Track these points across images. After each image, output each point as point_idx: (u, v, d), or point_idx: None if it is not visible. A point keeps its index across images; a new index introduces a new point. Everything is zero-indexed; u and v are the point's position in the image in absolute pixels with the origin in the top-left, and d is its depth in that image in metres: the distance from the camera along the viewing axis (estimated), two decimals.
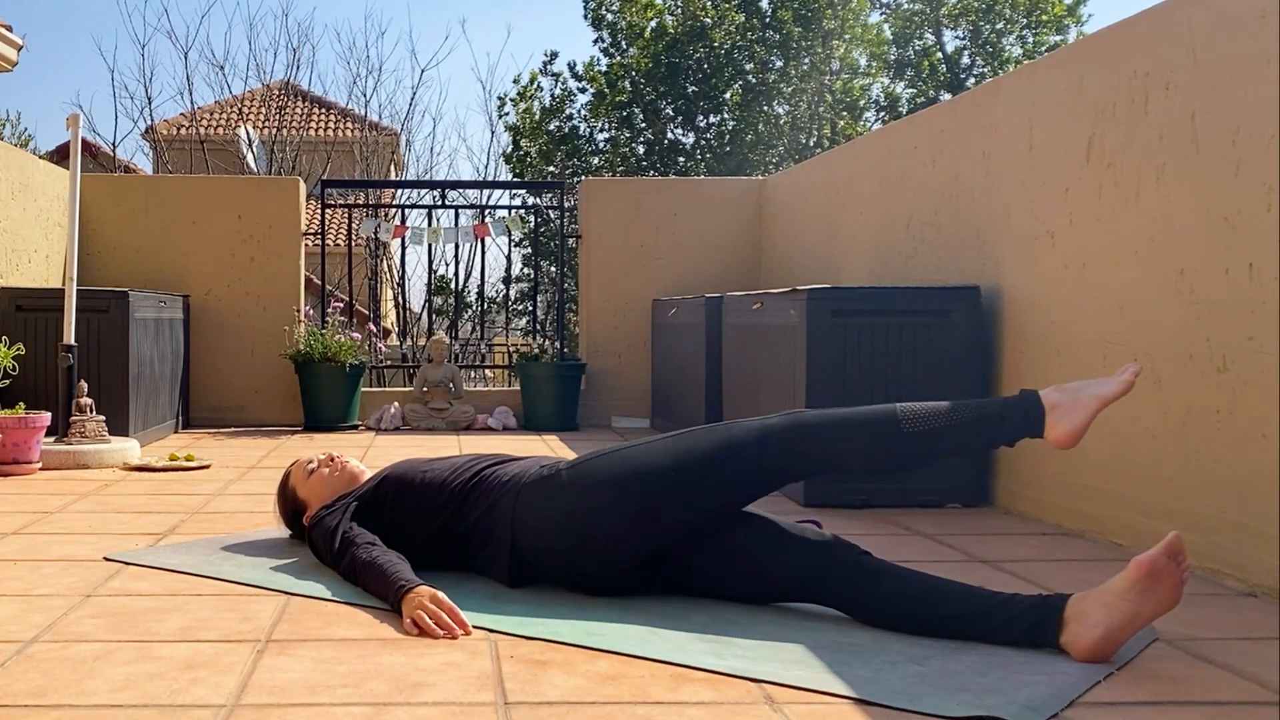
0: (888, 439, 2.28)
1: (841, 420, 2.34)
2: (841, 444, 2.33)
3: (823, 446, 2.34)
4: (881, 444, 2.30)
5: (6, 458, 4.39)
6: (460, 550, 2.64)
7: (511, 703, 1.85)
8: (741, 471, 2.38)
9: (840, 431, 2.33)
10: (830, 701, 1.87)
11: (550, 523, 2.48)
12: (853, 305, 3.83)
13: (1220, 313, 2.82)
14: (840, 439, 2.33)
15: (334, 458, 2.97)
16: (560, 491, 2.47)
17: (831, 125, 18.46)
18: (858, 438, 2.31)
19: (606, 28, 18.71)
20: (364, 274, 11.74)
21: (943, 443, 2.28)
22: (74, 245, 4.95)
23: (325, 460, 2.97)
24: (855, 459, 2.37)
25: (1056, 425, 2.21)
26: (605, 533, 2.43)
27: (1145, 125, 3.14)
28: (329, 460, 2.97)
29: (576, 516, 2.44)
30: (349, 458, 3.01)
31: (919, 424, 2.27)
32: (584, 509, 2.43)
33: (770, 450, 2.35)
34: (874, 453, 2.32)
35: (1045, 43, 18.90)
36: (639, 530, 2.41)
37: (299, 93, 17.39)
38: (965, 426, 2.27)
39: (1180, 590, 2.05)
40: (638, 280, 6.88)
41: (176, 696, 1.87)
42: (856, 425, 2.32)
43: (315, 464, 2.97)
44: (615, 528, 2.42)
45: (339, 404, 6.34)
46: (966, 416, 2.27)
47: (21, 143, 20.88)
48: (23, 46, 8.57)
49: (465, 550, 2.63)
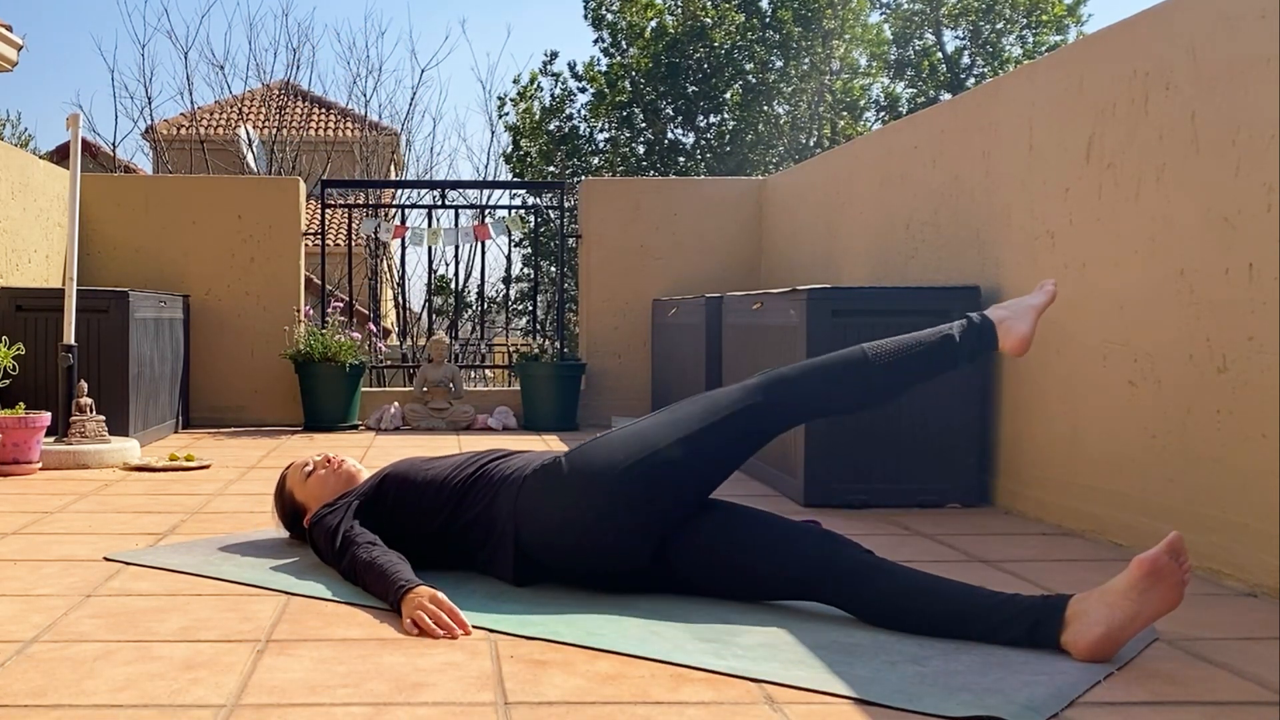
0: (862, 373, 2.47)
1: (816, 366, 2.53)
2: (821, 386, 2.50)
3: (804, 391, 2.50)
4: (858, 379, 2.47)
5: (6, 458, 4.39)
6: (462, 548, 2.64)
7: (511, 703, 1.85)
8: (734, 430, 2.48)
9: (816, 376, 2.51)
10: (830, 701, 1.87)
11: (553, 513, 2.48)
12: (853, 305, 3.83)
13: (1220, 313, 2.83)
14: (819, 382, 2.50)
15: (330, 459, 2.97)
16: (561, 481, 2.47)
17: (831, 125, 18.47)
18: (834, 378, 2.49)
19: (606, 28, 18.71)
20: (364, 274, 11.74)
21: (912, 368, 2.48)
22: (74, 245, 4.96)
23: (322, 462, 2.96)
24: (836, 400, 2.54)
25: (1009, 335, 2.50)
26: (609, 517, 2.42)
27: (1145, 125, 3.14)
28: (325, 461, 2.96)
29: (579, 505, 2.44)
30: (345, 457, 3.00)
31: (887, 356, 2.47)
32: (586, 496, 2.44)
33: (756, 405, 2.48)
34: (852, 389, 2.50)
35: (1045, 43, 18.90)
36: (643, 508, 2.41)
37: (299, 93, 17.39)
38: (929, 350, 2.48)
39: (1181, 590, 2.05)
40: (638, 280, 6.88)
41: (176, 696, 1.87)
42: (830, 367, 2.51)
43: (312, 466, 2.96)
44: (619, 510, 2.42)
45: (339, 404, 6.34)
46: (929, 340, 2.49)
47: (21, 143, 20.88)
48: (23, 46, 8.57)
49: (467, 548, 2.63)
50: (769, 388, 2.49)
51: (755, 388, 2.49)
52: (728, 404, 2.48)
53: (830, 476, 3.79)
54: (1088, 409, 3.38)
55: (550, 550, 2.51)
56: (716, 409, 2.47)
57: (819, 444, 3.78)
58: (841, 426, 3.78)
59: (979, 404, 3.88)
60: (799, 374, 2.51)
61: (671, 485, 2.42)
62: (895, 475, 3.81)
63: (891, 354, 2.46)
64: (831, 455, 3.79)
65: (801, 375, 2.50)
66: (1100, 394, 3.31)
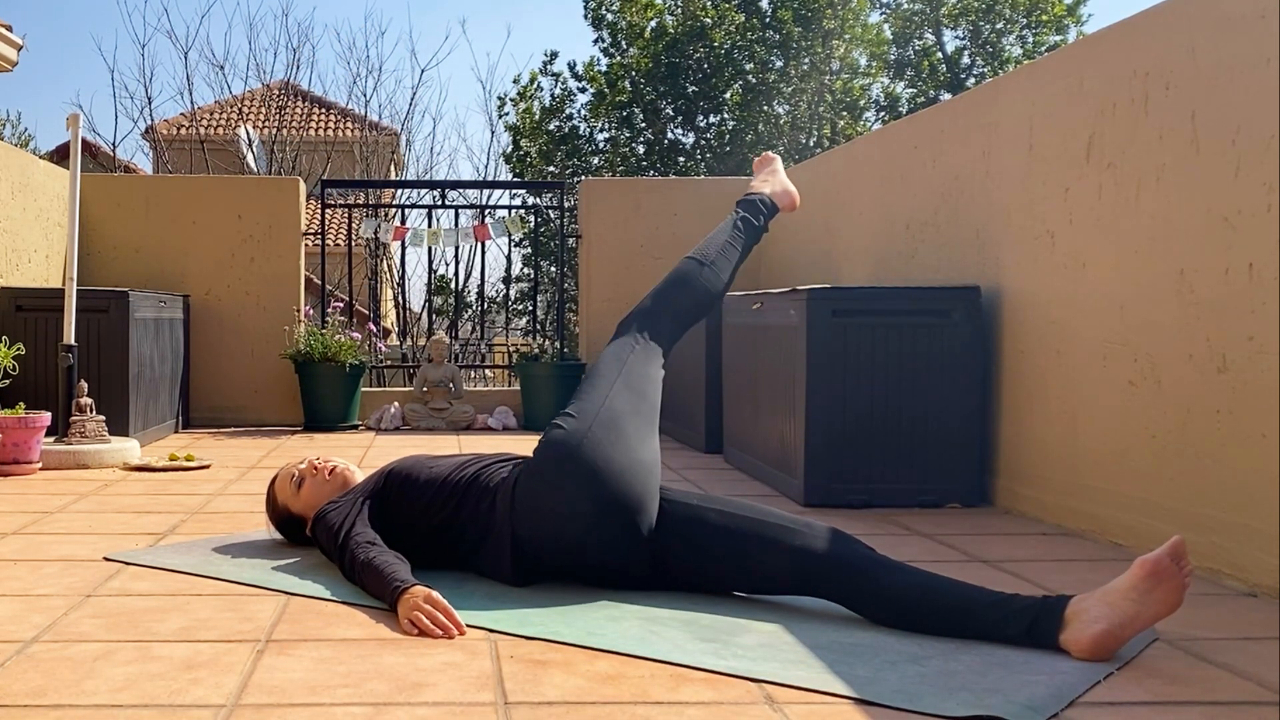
0: (703, 275, 2.86)
1: (666, 289, 2.86)
2: (679, 302, 2.84)
3: (670, 312, 2.81)
4: (699, 282, 2.85)
5: (6, 458, 4.39)
6: (462, 547, 2.64)
7: (511, 703, 1.85)
8: (653, 377, 2.69)
9: (671, 295, 2.84)
10: (830, 701, 1.87)
11: (549, 508, 2.47)
12: (853, 305, 3.83)
13: (1220, 313, 2.82)
14: (676, 298, 2.84)
15: (316, 464, 2.93)
16: (552, 477, 2.47)
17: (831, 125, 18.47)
18: (685, 290, 2.85)
19: (606, 28, 18.70)
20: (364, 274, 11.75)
21: (732, 256, 2.92)
22: (74, 245, 4.95)
23: (308, 469, 2.93)
24: (693, 304, 2.86)
25: (783, 199, 3.14)
26: (601, 498, 2.43)
27: (1145, 125, 3.14)
28: (312, 468, 2.93)
29: (571, 495, 2.45)
30: (332, 459, 2.98)
31: (714, 253, 2.90)
32: (574, 482, 2.44)
33: (648, 347, 2.73)
34: (700, 291, 2.86)
35: (1045, 43, 18.90)
36: (628, 476, 2.45)
37: (299, 93, 17.40)
38: (739, 237, 2.96)
39: (1182, 594, 2.05)
40: (638, 280, 6.87)
41: (176, 696, 1.87)
42: (677, 283, 2.86)
43: (298, 475, 2.93)
44: (607, 488, 2.43)
45: (339, 404, 6.34)
46: (734, 229, 2.97)
47: (21, 143, 20.87)
48: (23, 46, 8.57)
49: (466, 548, 2.63)
50: (642, 328, 2.75)
51: (635, 334, 2.73)
52: (631, 357, 2.68)
53: (830, 476, 3.79)
54: (1088, 409, 3.38)
55: (548, 544, 2.50)
56: (628, 367, 2.65)
57: (819, 444, 3.78)
58: (842, 427, 3.78)
59: (979, 404, 3.88)
60: (656, 302, 2.82)
61: (646, 446, 2.55)
62: (895, 475, 3.81)
63: (717, 250, 2.89)
64: (831, 455, 3.79)
65: (657, 303, 2.82)
66: (1100, 394, 3.31)
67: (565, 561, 2.53)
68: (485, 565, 2.61)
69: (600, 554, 2.49)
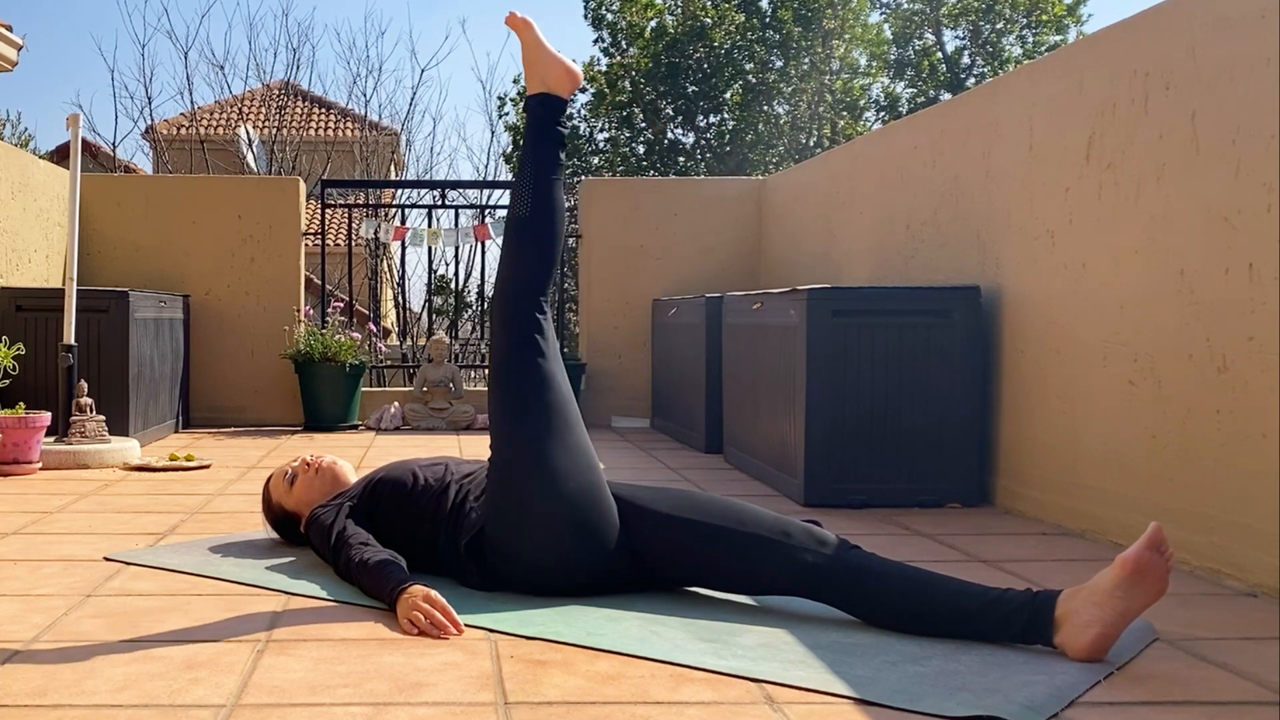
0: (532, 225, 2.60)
1: (507, 256, 2.62)
2: (529, 261, 2.59)
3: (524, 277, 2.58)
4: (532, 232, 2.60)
5: (6, 458, 4.39)
6: (455, 559, 2.61)
7: (511, 703, 1.85)
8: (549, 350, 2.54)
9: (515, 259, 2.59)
10: (830, 701, 1.87)
11: (514, 553, 2.47)
12: (853, 305, 3.83)
13: (1220, 313, 2.82)
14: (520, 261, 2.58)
15: (309, 461, 2.94)
16: (512, 535, 2.46)
17: (831, 125, 18.47)
18: (525, 248, 2.59)
19: (606, 27, 18.72)
20: (364, 274, 11.75)
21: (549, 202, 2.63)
22: (74, 245, 4.95)
23: (300, 466, 2.94)
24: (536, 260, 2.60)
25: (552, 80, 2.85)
26: (565, 542, 2.42)
27: (1145, 125, 3.14)
28: (304, 465, 2.94)
29: (538, 544, 2.44)
30: (324, 455, 2.98)
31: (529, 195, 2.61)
32: (539, 533, 2.44)
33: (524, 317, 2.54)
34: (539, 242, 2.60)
35: (1045, 43, 18.91)
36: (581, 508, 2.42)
37: (299, 93, 17.39)
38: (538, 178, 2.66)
39: (1166, 580, 2.05)
40: (638, 280, 6.88)
41: (176, 696, 1.87)
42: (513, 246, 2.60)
43: (291, 472, 2.94)
44: (569, 534, 2.42)
45: (339, 404, 6.34)
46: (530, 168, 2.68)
47: (21, 143, 20.86)
48: (23, 46, 8.57)
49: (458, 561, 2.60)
50: (506, 298, 2.56)
51: (502, 312, 2.55)
52: (523, 339, 2.52)
53: (830, 476, 3.79)
54: (1088, 409, 3.38)
55: (516, 561, 2.49)
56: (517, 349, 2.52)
57: (819, 444, 3.78)
58: (842, 426, 3.78)
59: (979, 404, 3.88)
60: (512, 272, 2.59)
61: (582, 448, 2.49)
62: (895, 475, 3.81)
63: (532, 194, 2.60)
64: (831, 455, 3.79)
65: (513, 271, 2.59)
66: (1100, 394, 3.31)
67: (548, 583, 2.51)
68: (472, 582, 2.59)
69: (581, 575, 2.48)
